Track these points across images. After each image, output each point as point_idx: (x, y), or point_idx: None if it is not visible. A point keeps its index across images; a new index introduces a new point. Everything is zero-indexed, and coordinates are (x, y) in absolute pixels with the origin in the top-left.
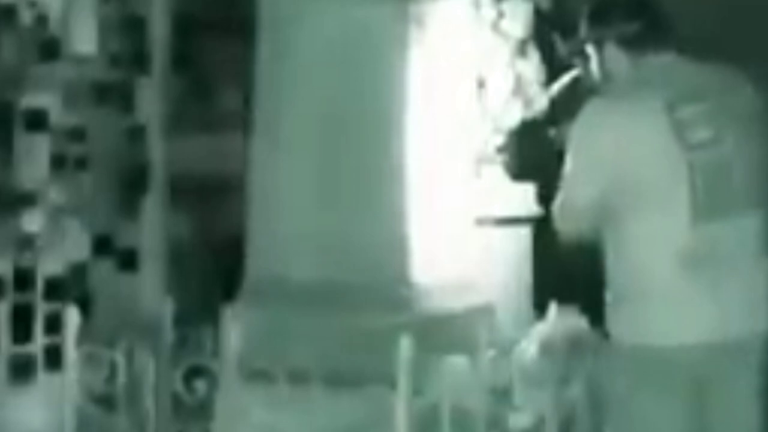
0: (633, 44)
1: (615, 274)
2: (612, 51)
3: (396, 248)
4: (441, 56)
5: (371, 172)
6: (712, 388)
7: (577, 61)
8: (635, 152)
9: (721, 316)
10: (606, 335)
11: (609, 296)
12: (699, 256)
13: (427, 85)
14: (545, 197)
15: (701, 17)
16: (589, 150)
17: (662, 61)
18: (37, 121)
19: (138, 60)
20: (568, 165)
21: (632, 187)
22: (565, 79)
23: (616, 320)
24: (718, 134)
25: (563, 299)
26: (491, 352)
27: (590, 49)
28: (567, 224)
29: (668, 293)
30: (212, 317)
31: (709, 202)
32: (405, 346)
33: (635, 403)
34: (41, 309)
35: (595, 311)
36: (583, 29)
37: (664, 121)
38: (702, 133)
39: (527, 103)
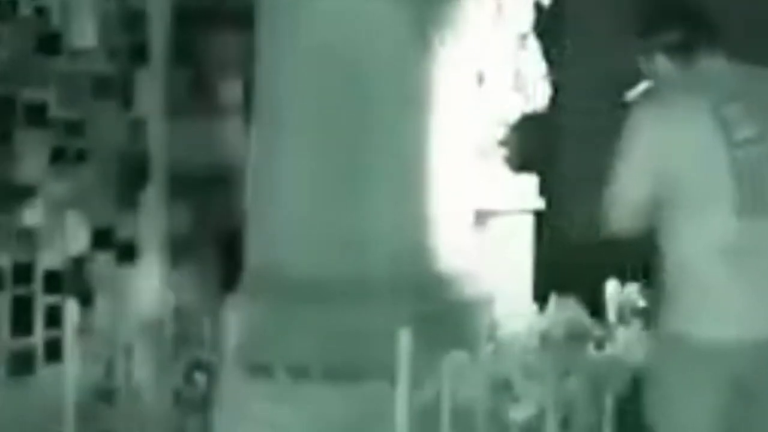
0: (680, 51)
1: (666, 267)
2: (660, 59)
3: (396, 242)
4: (441, 46)
5: (371, 163)
6: (750, 383)
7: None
8: (682, 150)
9: (763, 313)
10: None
11: (662, 287)
12: (742, 251)
13: (428, 74)
14: (546, 190)
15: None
16: (639, 151)
17: (710, 65)
18: (37, 114)
19: (138, 52)
20: (619, 166)
21: (680, 183)
22: (641, 87)
23: (666, 310)
24: (764, 131)
25: (563, 292)
26: (491, 345)
27: (641, 59)
28: (621, 222)
29: (712, 288)
30: (212, 311)
31: (753, 198)
32: (405, 339)
33: (673, 390)
34: (41, 302)
35: (595, 304)
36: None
37: (710, 119)
38: (747, 131)
39: (527, 96)
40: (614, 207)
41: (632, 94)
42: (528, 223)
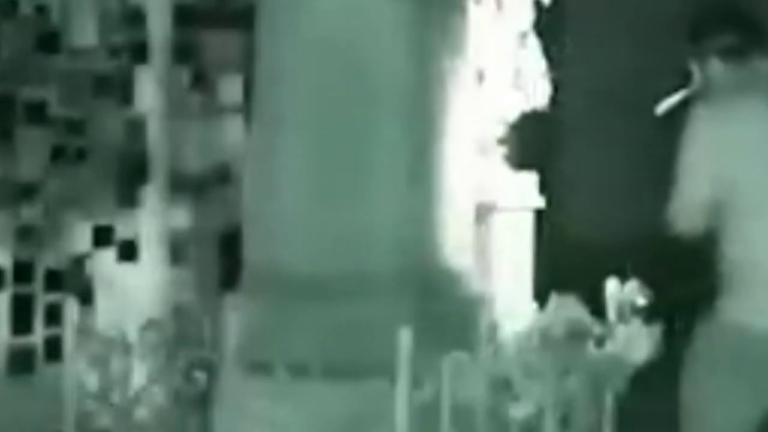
0: (733, 54)
1: (729, 263)
2: (715, 63)
3: (396, 239)
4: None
5: (371, 160)
6: None
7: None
8: (741, 151)
9: None
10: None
11: (724, 277)
12: None
13: (429, 71)
14: (546, 188)
15: None
16: (697, 154)
17: (761, 66)
18: (37, 112)
19: (138, 50)
20: (682, 169)
21: (739, 183)
22: (676, 97)
23: (728, 302)
24: None
25: (563, 290)
26: (491, 343)
27: (692, 63)
28: (686, 223)
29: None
30: (212, 309)
31: None
32: (405, 337)
33: (720, 376)
34: (41, 300)
35: (595, 302)
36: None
37: (766, 116)
38: None
39: (527, 94)
40: (675, 209)
41: (664, 106)
42: (528, 221)
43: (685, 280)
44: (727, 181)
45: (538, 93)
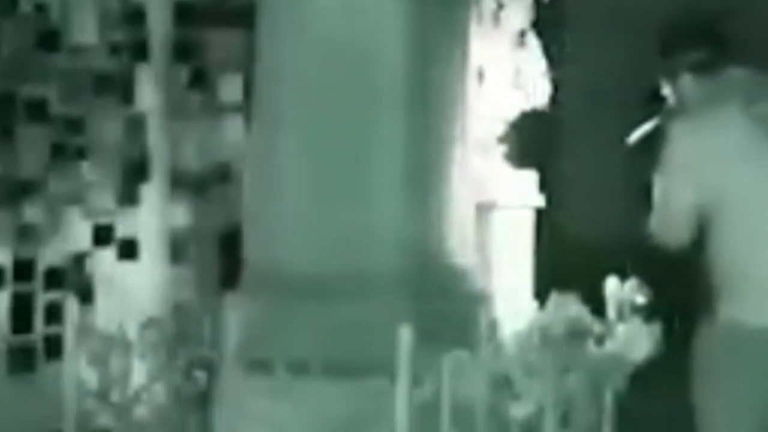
0: (704, 69)
1: (718, 263)
2: (686, 78)
3: (396, 238)
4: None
5: (372, 159)
6: None
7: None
8: (725, 158)
9: None
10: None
11: (716, 279)
12: None
13: (430, 69)
14: (546, 186)
15: None
16: (680, 167)
17: (732, 74)
18: (37, 110)
19: (138, 49)
20: (662, 183)
21: (729, 189)
22: (646, 126)
23: (724, 301)
24: None
25: (563, 288)
26: (491, 342)
27: (664, 80)
28: (670, 234)
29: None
30: (212, 307)
31: None
32: (405, 336)
33: (724, 375)
34: (41, 299)
35: (595, 300)
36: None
37: (744, 119)
38: None
39: (527, 94)
40: (658, 222)
41: (635, 136)
42: (528, 220)
43: (685, 279)
44: (715, 190)
45: (537, 92)
